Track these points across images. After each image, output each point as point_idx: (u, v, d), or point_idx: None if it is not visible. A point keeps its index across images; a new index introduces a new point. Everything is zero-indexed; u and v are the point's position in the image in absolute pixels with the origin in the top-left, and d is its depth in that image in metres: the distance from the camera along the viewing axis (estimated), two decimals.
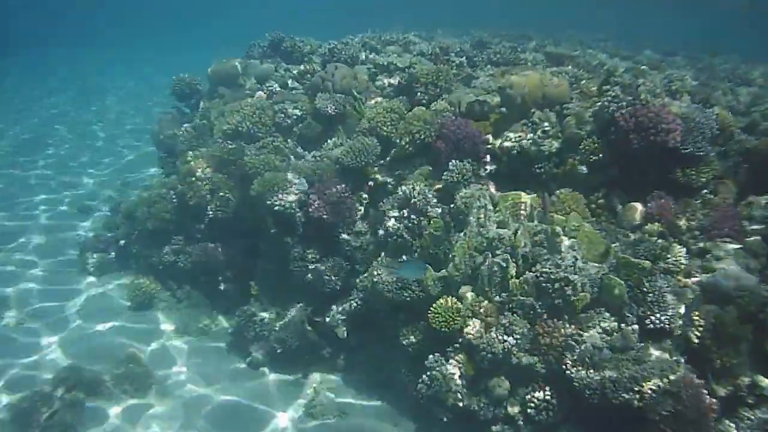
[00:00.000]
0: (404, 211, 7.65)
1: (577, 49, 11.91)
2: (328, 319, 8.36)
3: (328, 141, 9.18)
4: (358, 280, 8.17)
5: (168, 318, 9.44)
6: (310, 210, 8.22)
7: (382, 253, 7.85)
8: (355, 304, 8.17)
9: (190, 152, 9.56)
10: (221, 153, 9.04)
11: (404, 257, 7.19)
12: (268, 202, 8.29)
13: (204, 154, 9.37)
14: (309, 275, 8.38)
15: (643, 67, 9.63)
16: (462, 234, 7.37)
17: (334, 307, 8.44)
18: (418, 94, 9.30)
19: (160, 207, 9.44)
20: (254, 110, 9.10)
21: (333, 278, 8.30)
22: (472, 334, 6.82)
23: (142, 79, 30.47)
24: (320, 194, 8.22)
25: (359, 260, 8.42)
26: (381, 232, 7.91)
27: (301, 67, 10.26)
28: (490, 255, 7.08)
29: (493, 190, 8.05)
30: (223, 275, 9.21)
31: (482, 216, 7.35)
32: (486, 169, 8.24)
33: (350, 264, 8.44)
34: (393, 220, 7.76)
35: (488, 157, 8.29)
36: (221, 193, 9.06)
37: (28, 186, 15.05)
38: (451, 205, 7.72)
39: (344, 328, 8.31)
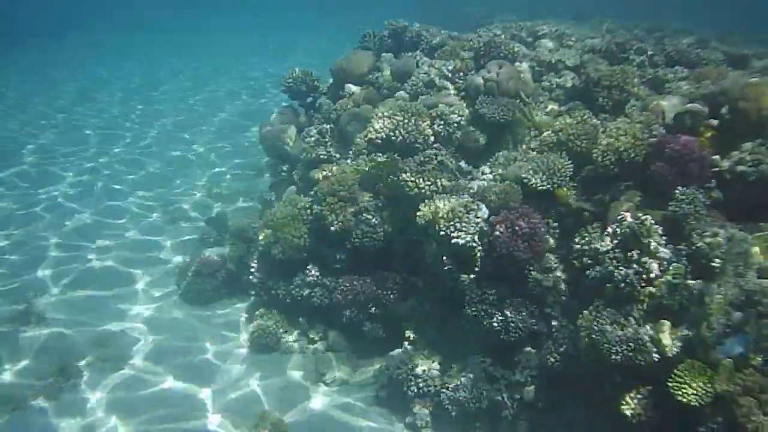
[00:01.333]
0: (633, 252, 6.30)
1: (746, 47, 10.54)
2: (513, 375, 7.07)
3: (497, 155, 7.86)
4: (554, 330, 6.91)
5: (300, 363, 8.17)
6: (498, 244, 6.91)
7: (596, 302, 6.55)
8: (551, 359, 6.90)
9: (327, 165, 8.21)
10: (370, 168, 7.72)
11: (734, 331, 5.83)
12: (443, 233, 6.96)
13: (345, 168, 8.03)
14: (490, 320, 7.09)
15: None
16: (715, 285, 6.05)
17: (518, 359, 7.16)
18: (600, 99, 7.99)
19: (291, 231, 8.11)
20: (409, 115, 7.78)
21: (520, 325, 7.02)
22: (746, 417, 5.52)
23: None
24: (510, 225, 6.91)
25: (550, 303, 7.12)
26: (594, 273, 6.60)
27: (450, 63, 8.86)
28: (755, 313, 5.78)
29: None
30: (368, 314, 7.91)
31: (741, 263, 6.02)
32: (711, 197, 6.89)
33: (538, 307, 7.13)
34: (614, 261, 6.42)
35: (713, 182, 6.94)
36: (368, 216, 7.73)
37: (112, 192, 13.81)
38: (685, 245, 6.41)
39: (532, 387, 7.03)
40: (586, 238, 7.06)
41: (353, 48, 10.70)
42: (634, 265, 6.49)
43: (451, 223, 7.14)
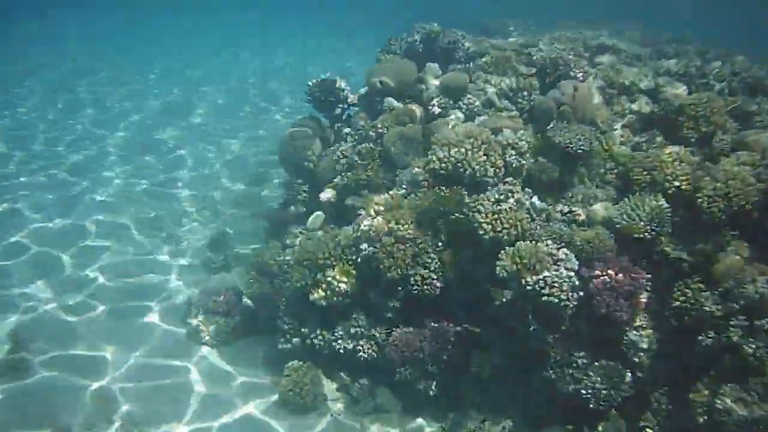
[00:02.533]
0: (764, 322, 5.60)
1: None
2: None
3: (573, 191, 7.04)
4: (653, 399, 6.22)
5: (342, 426, 7.17)
6: (596, 303, 6.09)
7: (712, 373, 5.87)
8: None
9: (378, 197, 7.21)
10: (432, 202, 6.76)
11: None
12: (529, 288, 6.09)
13: (401, 202, 7.04)
14: (576, 386, 6.33)
15: None
16: None
17: (604, 428, 6.43)
18: (684, 130, 7.24)
19: (336, 275, 7.11)
20: (479, 143, 6.83)
21: (612, 393, 6.26)
22: None
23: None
24: (608, 281, 6.11)
25: (644, 366, 6.41)
26: (708, 341, 5.88)
27: (512, 80, 7.92)
28: None
29: None
30: (425, 371, 6.97)
31: None
32: None
33: (630, 370, 6.40)
34: (738, 330, 5.71)
35: None
36: (428, 260, 6.77)
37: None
38: None
39: None
40: (688, 295, 6.37)
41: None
42: (765, 337, 5.79)
43: (540, 277, 6.24)
